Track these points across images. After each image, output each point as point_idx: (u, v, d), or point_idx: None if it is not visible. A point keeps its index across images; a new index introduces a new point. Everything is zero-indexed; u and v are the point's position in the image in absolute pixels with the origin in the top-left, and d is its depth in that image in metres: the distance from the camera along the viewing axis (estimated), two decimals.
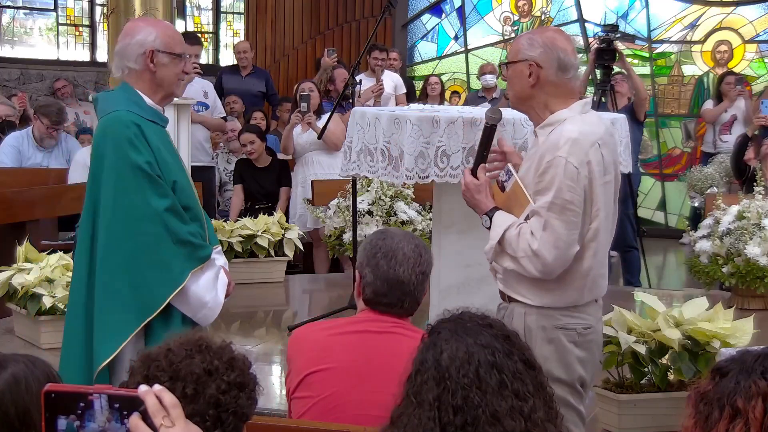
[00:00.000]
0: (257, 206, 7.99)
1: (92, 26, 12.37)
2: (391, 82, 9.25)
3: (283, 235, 7.13)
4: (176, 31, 3.69)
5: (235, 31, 13.06)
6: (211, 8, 13.00)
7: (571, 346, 3.23)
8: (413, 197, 7.29)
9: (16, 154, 8.00)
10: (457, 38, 12.33)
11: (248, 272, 6.80)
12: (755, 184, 6.58)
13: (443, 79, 11.67)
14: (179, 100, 6.05)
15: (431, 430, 1.95)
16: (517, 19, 12.15)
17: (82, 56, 12.39)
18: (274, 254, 7.11)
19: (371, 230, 6.73)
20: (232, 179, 8.60)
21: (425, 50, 12.49)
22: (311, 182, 7.76)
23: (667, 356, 4.18)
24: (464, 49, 12.31)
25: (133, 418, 1.65)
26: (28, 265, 5.50)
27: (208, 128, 8.47)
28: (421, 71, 12.35)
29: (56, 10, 12.32)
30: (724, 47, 11.37)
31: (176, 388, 1.88)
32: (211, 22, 13.02)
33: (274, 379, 5.11)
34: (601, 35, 8.25)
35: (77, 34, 12.48)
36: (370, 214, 7.08)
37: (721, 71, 10.95)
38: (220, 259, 3.54)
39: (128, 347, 3.31)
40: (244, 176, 8.23)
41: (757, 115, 8.38)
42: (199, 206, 3.55)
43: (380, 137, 4.66)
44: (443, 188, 4.70)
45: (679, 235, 9.59)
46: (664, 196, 11.46)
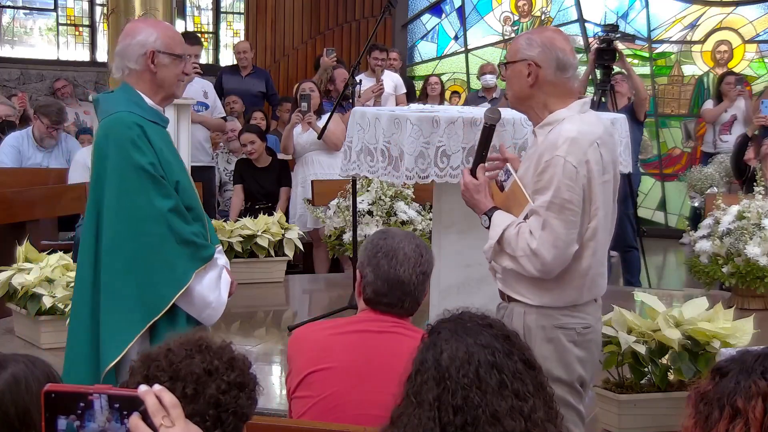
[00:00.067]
0: (257, 206, 7.98)
1: (92, 26, 12.37)
2: (391, 82, 9.24)
3: (283, 235, 7.13)
4: (177, 32, 3.69)
5: (235, 31, 13.06)
6: (211, 8, 13.00)
7: (570, 345, 3.23)
8: (413, 197, 7.29)
9: (16, 154, 8.00)
10: (457, 38, 12.33)
11: (248, 272, 6.79)
12: (755, 184, 6.58)
13: (443, 79, 11.66)
14: (179, 100, 6.04)
15: (431, 430, 1.95)
16: (517, 19, 12.15)
17: (82, 56, 12.38)
18: (274, 254, 7.11)
19: (371, 230, 6.74)
20: (232, 179, 8.60)
21: (425, 50, 12.49)
22: (311, 182, 7.76)
23: (667, 356, 4.18)
24: (464, 49, 12.30)
25: (133, 418, 1.65)
26: (28, 265, 5.50)
27: (208, 128, 8.46)
28: (421, 71, 12.35)
29: (56, 10, 12.31)
30: (724, 47, 11.37)
31: (176, 388, 1.88)
32: (211, 22, 13.02)
33: (274, 379, 5.11)
34: (601, 35, 8.25)
35: (77, 34, 12.47)
36: (370, 214, 7.08)
37: (721, 71, 10.94)
38: (221, 258, 3.54)
39: (133, 348, 3.31)
40: (244, 176, 8.23)
41: (757, 115, 8.38)
42: (200, 206, 3.55)
43: (380, 137, 4.66)
44: (443, 188, 4.70)
45: (679, 235, 9.59)
46: (664, 196, 11.45)
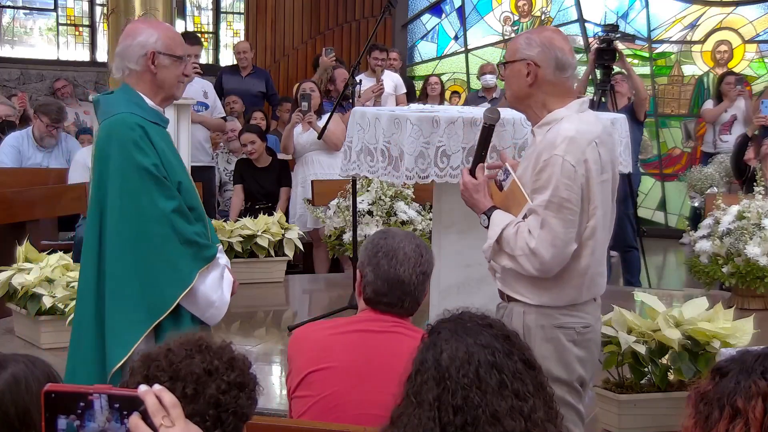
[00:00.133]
0: (257, 206, 7.98)
1: (92, 26, 12.36)
2: (391, 82, 9.24)
3: (283, 235, 7.13)
4: (177, 33, 3.69)
5: (235, 31, 13.06)
6: (211, 8, 13.00)
7: (570, 345, 3.23)
8: (413, 197, 7.29)
9: (16, 154, 8.01)
10: (457, 38, 12.33)
11: (248, 272, 6.79)
12: (755, 184, 6.58)
13: (443, 79, 11.66)
14: (179, 100, 6.05)
15: (431, 430, 1.95)
16: (517, 19, 12.14)
17: (82, 56, 12.38)
18: (274, 254, 7.11)
19: (371, 230, 6.74)
20: (232, 179, 8.60)
21: (425, 50, 12.48)
22: (311, 182, 7.76)
23: (667, 356, 4.18)
24: (464, 49, 12.30)
25: (132, 417, 1.65)
26: (28, 265, 5.50)
27: (208, 128, 8.46)
28: (421, 71, 12.35)
29: (56, 10, 12.31)
30: (724, 47, 11.37)
31: (176, 388, 1.88)
32: (211, 22, 13.02)
33: (274, 379, 5.11)
34: (601, 35, 8.25)
35: (77, 34, 12.47)
36: (370, 214, 7.08)
37: (721, 71, 10.94)
38: (222, 257, 3.55)
39: (139, 348, 3.30)
40: (244, 176, 8.23)
41: (757, 115, 8.38)
42: (202, 206, 3.56)
43: (380, 137, 4.66)
44: (443, 188, 4.70)
45: (679, 235, 9.59)
46: (664, 196, 11.45)
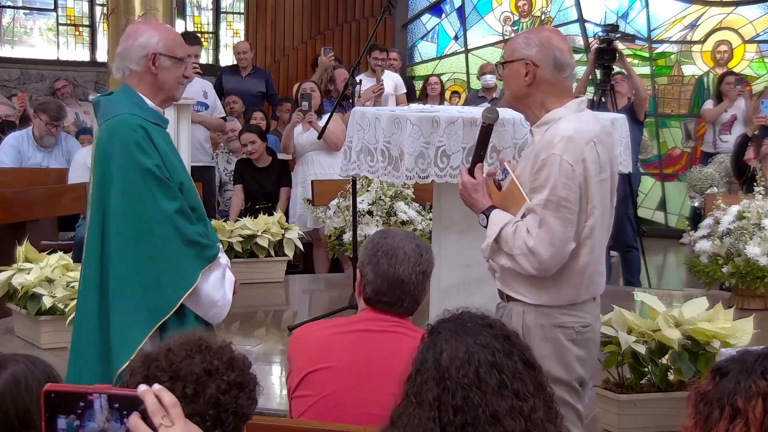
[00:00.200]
0: (257, 206, 7.98)
1: (92, 26, 12.36)
2: (391, 82, 9.24)
3: (283, 235, 7.13)
4: (178, 34, 3.70)
5: (235, 31, 13.06)
6: (211, 8, 13.00)
7: (569, 344, 3.24)
8: (413, 197, 7.28)
9: (16, 154, 8.00)
10: (457, 38, 12.32)
11: (248, 272, 6.78)
12: (755, 184, 6.58)
13: (443, 79, 11.66)
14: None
15: (431, 430, 1.95)
16: (517, 19, 12.14)
17: (82, 56, 12.38)
18: (274, 254, 7.11)
19: (371, 230, 6.74)
20: (232, 179, 8.61)
21: (425, 50, 12.48)
22: (311, 182, 7.76)
23: (667, 356, 4.18)
24: (464, 49, 12.30)
25: (132, 417, 1.65)
26: (28, 265, 5.50)
27: (207, 128, 8.46)
28: (421, 71, 12.35)
29: (56, 10, 12.31)
30: (724, 47, 11.37)
31: (176, 388, 1.88)
32: (211, 22, 13.01)
33: (274, 379, 5.11)
34: (601, 35, 8.26)
35: (77, 34, 12.47)
36: (370, 214, 7.08)
37: (721, 71, 10.94)
38: (223, 257, 3.55)
39: (144, 348, 3.30)
40: (244, 176, 8.23)
41: (757, 115, 8.38)
42: (202, 207, 3.56)
43: (380, 137, 4.66)
44: (443, 188, 4.69)
45: (679, 235, 9.59)
46: (664, 196, 11.45)
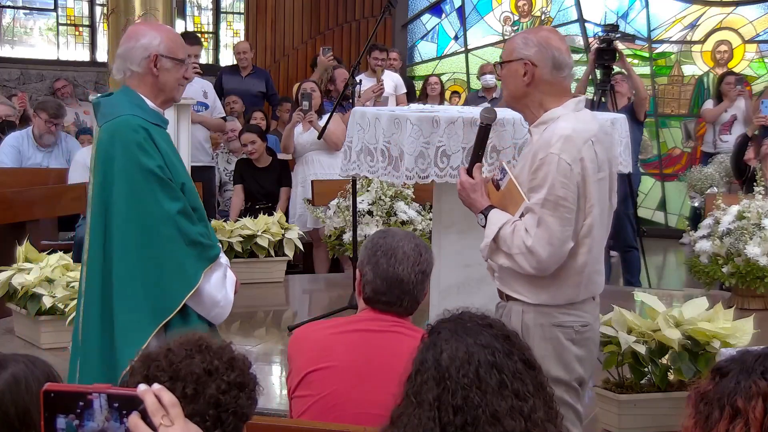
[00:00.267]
0: (257, 206, 7.98)
1: (92, 26, 12.36)
2: (391, 82, 9.24)
3: (283, 235, 7.13)
4: (179, 36, 3.70)
5: (235, 31, 13.05)
6: (211, 8, 12.99)
7: (568, 344, 3.24)
8: (413, 197, 7.28)
9: (16, 154, 8.00)
10: (457, 38, 12.32)
11: (248, 272, 6.78)
12: (755, 184, 6.58)
13: (443, 79, 11.66)
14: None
15: (431, 430, 1.95)
16: (517, 19, 12.14)
17: (82, 56, 12.38)
18: (274, 254, 7.11)
19: (371, 230, 6.73)
20: (232, 179, 8.61)
21: (425, 50, 12.48)
22: (311, 182, 7.76)
23: (667, 356, 4.18)
24: (464, 49, 12.30)
25: (132, 417, 1.65)
26: (28, 265, 5.50)
27: (207, 128, 8.46)
28: (421, 71, 12.35)
29: (56, 10, 12.31)
30: (724, 47, 11.37)
31: (176, 388, 1.88)
32: (211, 22, 13.01)
33: (274, 379, 5.11)
34: (601, 35, 8.26)
35: (77, 34, 12.47)
36: (370, 214, 7.08)
37: (721, 71, 10.94)
38: (223, 257, 3.56)
39: (149, 347, 3.30)
40: (244, 176, 8.23)
41: (757, 115, 8.38)
42: (203, 207, 3.57)
43: (380, 137, 4.66)
44: (443, 188, 4.69)
45: (679, 235, 9.59)
46: (664, 196, 11.45)
